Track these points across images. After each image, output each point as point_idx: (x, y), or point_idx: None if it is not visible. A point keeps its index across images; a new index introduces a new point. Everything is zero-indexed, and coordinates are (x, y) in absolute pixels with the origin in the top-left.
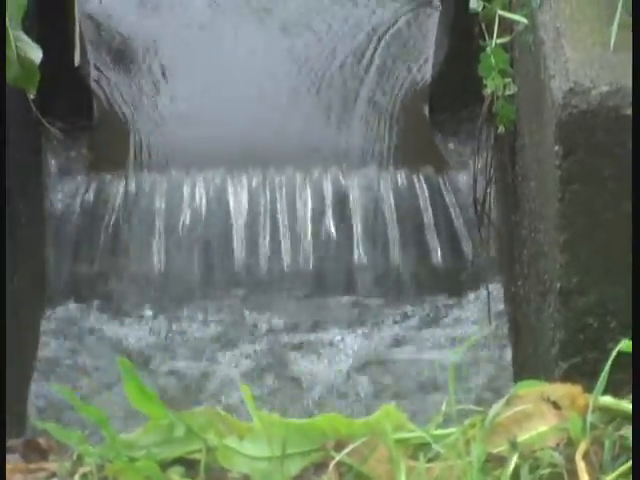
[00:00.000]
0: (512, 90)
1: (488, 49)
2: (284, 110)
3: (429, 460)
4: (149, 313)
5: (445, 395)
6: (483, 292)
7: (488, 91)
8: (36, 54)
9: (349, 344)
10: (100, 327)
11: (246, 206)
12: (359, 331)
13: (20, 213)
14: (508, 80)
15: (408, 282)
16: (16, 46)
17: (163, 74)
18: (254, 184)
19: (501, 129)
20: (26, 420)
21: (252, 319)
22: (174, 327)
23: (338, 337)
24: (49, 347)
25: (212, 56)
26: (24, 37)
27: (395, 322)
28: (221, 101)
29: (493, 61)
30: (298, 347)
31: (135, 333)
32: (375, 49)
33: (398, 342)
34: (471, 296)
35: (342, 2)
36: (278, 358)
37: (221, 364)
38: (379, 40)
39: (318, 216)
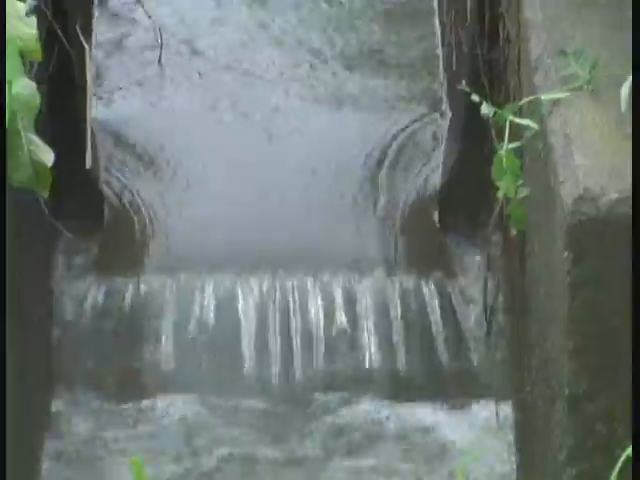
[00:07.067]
0: (524, 193)
1: (500, 152)
2: (293, 216)
3: None
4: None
5: None
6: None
7: (500, 194)
8: (48, 157)
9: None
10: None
11: (256, 310)
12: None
13: (31, 315)
14: (520, 182)
15: (416, 386)
16: (28, 149)
17: (174, 179)
18: (264, 288)
19: (513, 232)
20: None
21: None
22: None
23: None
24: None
25: (222, 161)
26: (36, 140)
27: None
28: (231, 206)
29: (505, 165)
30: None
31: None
32: (386, 155)
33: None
34: (479, 403)
35: (352, 108)
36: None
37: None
38: (390, 146)
39: (329, 321)
